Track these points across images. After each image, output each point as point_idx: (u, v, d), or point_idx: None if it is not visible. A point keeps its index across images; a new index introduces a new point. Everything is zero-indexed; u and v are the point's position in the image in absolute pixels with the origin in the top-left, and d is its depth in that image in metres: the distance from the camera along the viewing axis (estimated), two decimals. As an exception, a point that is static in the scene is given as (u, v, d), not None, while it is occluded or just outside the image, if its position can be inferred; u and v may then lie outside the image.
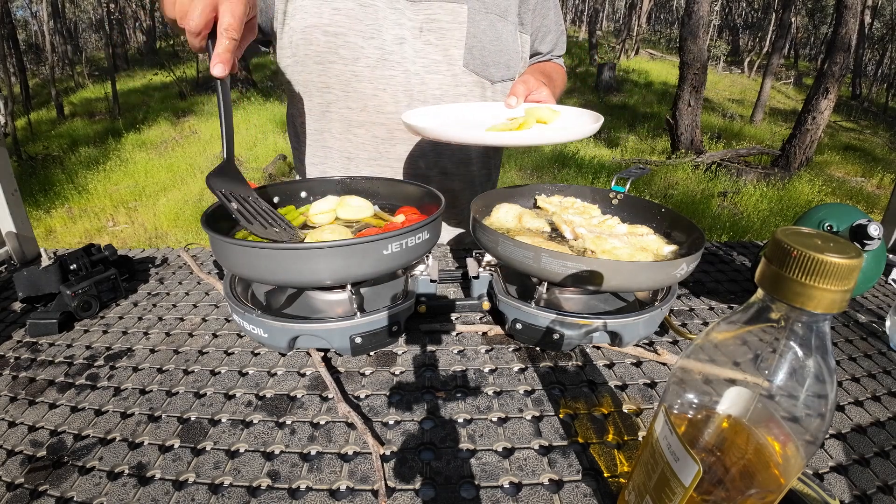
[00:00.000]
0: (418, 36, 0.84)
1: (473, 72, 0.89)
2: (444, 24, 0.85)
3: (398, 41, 0.84)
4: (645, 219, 0.74)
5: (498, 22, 0.88)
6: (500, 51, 0.90)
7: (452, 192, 0.99)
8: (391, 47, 0.84)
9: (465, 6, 0.84)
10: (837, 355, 0.63)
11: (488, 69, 0.90)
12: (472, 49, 0.87)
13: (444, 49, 0.86)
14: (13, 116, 7.75)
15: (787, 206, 4.72)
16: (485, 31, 0.87)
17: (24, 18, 20.35)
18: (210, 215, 0.60)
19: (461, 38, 0.86)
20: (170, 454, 0.46)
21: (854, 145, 8.12)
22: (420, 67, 0.86)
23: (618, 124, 8.43)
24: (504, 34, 0.89)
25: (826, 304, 0.23)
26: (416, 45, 0.85)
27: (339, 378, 0.57)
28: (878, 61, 19.09)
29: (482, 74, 0.90)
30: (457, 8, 0.84)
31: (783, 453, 0.28)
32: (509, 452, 0.46)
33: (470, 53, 0.87)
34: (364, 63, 0.84)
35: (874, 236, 0.62)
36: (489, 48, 0.88)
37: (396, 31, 0.83)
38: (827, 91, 5.56)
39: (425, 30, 0.84)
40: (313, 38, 0.82)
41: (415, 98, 0.87)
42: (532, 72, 0.98)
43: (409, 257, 0.56)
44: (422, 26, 0.84)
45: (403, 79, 0.86)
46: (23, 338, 0.67)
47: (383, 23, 0.82)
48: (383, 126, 0.89)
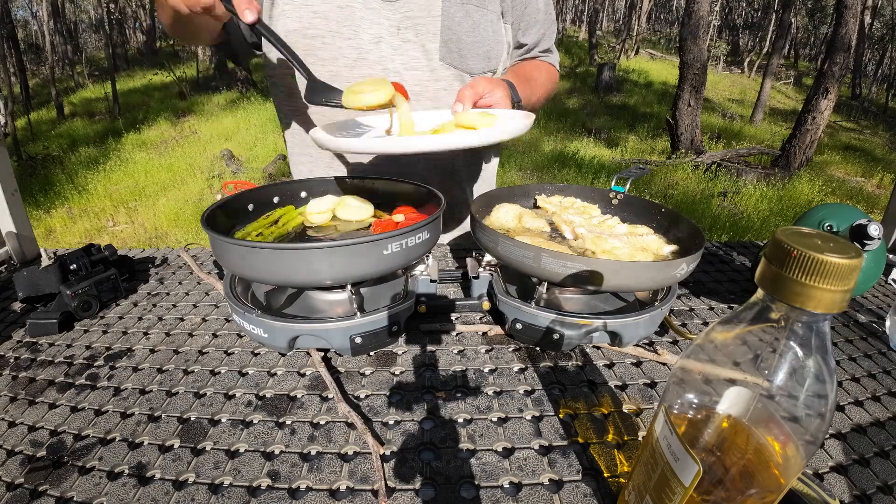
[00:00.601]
0: (395, 34, 0.84)
1: (451, 65, 0.86)
2: (419, 18, 0.83)
3: (375, 40, 0.83)
4: (645, 219, 0.74)
5: (475, 12, 0.85)
6: (478, 42, 0.86)
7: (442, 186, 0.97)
8: (368, 46, 0.83)
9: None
10: (837, 355, 0.63)
11: (466, 62, 0.87)
12: (448, 42, 0.84)
13: (420, 44, 0.84)
14: (13, 116, 7.75)
15: (787, 206, 4.71)
16: (460, 22, 0.84)
17: (24, 18, 20.35)
18: (210, 215, 0.60)
19: (436, 32, 0.83)
20: (170, 454, 0.46)
21: (854, 145, 8.12)
22: (399, 65, 0.85)
23: (618, 124, 8.43)
24: (482, 24, 0.86)
25: (826, 304, 0.23)
26: (393, 43, 0.84)
27: (339, 378, 0.57)
28: (878, 61, 19.08)
29: (460, 67, 0.87)
30: (430, 1, 0.83)
31: (783, 453, 0.28)
32: (509, 452, 0.46)
33: (446, 47, 0.84)
34: (342, 63, 0.84)
35: (874, 236, 0.62)
36: (466, 40, 0.85)
37: (374, 30, 0.83)
38: (827, 91, 5.55)
39: (402, 27, 0.84)
40: (294, 42, 0.81)
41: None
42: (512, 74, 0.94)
43: (410, 257, 0.56)
44: (399, 24, 0.83)
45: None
46: (23, 338, 0.67)
47: (360, 23, 0.82)
48: None
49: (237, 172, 5.86)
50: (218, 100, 9.96)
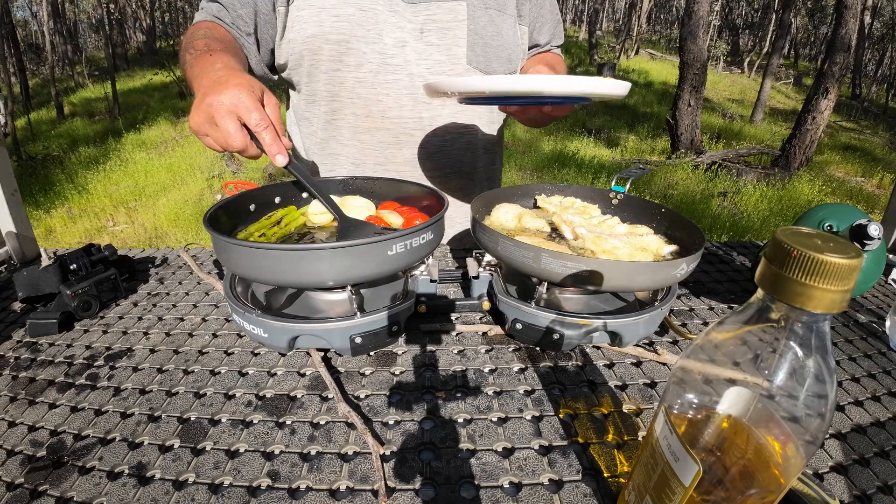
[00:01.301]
0: (419, 38, 0.84)
1: (477, 68, 0.88)
2: (444, 23, 0.84)
3: (399, 44, 0.84)
4: (645, 219, 0.74)
5: (497, 16, 0.88)
6: (502, 45, 0.89)
7: (462, 190, 0.99)
8: (392, 51, 0.84)
9: (463, 3, 0.84)
10: (837, 355, 0.63)
11: (491, 64, 0.89)
12: (475, 46, 0.87)
13: (446, 49, 0.86)
14: (13, 116, 7.75)
15: (787, 206, 4.71)
16: (485, 26, 0.86)
17: (24, 18, 20.35)
18: (212, 215, 0.59)
19: (463, 36, 0.85)
20: (170, 454, 0.46)
21: (854, 145, 8.12)
22: (424, 69, 0.86)
23: (618, 124, 8.43)
24: (504, 28, 0.89)
25: (826, 304, 0.23)
26: (417, 48, 0.85)
27: (339, 378, 0.57)
28: (878, 61, 19.09)
29: (485, 70, 0.89)
30: (456, 6, 0.84)
31: (783, 453, 0.28)
32: (509, 452, 0.46)
33: (473, 51, 0.87)
34: (367, 69, 0.84)
35: (874, 236, 0.62)
36: (491, 44, 0.88)
37: (397, 34, 0.83)
38: (827, 91, 5.55)
39: (426, 31, 0.84)
40: (317, 48, 0.82)
41: (418, 101, 0.87)
42: (534, 62, 0.97)
43: (413, 258, 0.56)
44: (422, 27, 0.84)
45: (408, 82, 0.86)
46: (23, 338, 0.67)
47: (384, 27, 0.82)
48: (388, 131, 0.90)
49: (237, 172, 5.86)
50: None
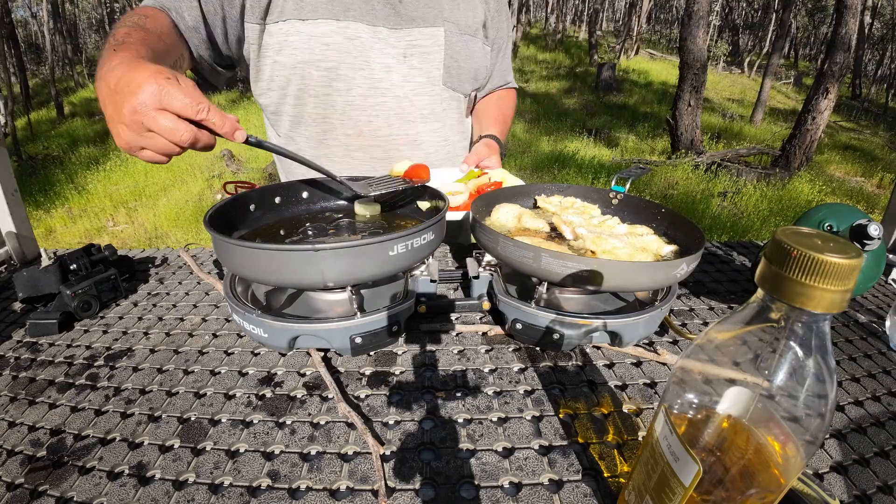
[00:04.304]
0: (403, 62, 0.90)
1: (451, 88, 0.97)
2: (424, 47, 0.91)
3: (385, 69, 0.89)
4: (645, 219, 0.74)
5: (470, 42, 0.96)
6: (472, 67, 0.98)
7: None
8: (379, 75, 0.89)
9: (441, 29, 0.91)
10: (837, 355, 0.63)
11: (463, 85, 0.98)
12: (450, 69, 0.95)
13: (427, 72, 0.93)
14: (13, 116, 7.74)
15: (787, 206, 4.71)
16: (459, 51, 0.94)
17: (24, 18, 20.35)
18: (213, 216, 0.59)
19: (441, 60, 0.93)
20: (170, 454, 0.46)
21: (854, 145, 8.12)
22: (408, 91, 0.92)
23: (617, 124, 8.43)
24: (475, 51, 0.97)
25: (826, 304, 0.23)
26: (401, 71, 0.90)
27: (339, 378, 0.57)
28: (878, 61, 19.09)
29: (458, 90, 0.98)
30: (435, 32, 0.90)
31: (783, 453, 0.28)
32: (509, 452, 0.46)
33: (448, 73, 0.95)
34: (357, 93, 0.89)
35: (874, 236, 0.62)
36: (464, 66, 0.96)
37: (383, 59, 0.88)
38: (827, 91, 5.55)
39: (408, 55, 0.90)
40: (307, 74, 0.86)
41: (406, 119, 0.94)
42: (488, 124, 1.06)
43: (415, 258, 0.56)
44: (405, 52, 0.90)
45: (395, 103, 0.92)
46: (23, 338, 0.67)
47: (370, 53, 0.87)
48: (379, 147, 0.95)
49: (237, 172, 5.86)
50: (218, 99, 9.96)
